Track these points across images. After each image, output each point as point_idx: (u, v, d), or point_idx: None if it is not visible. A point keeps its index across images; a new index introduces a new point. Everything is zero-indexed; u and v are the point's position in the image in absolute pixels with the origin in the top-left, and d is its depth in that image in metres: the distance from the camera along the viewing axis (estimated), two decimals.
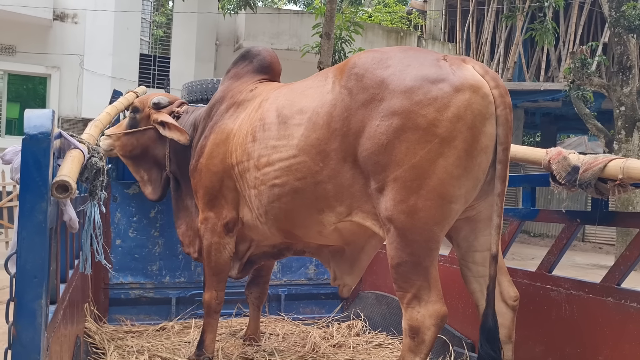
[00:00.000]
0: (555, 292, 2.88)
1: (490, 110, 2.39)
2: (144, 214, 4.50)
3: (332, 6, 10.76)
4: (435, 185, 2.34)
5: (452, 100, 2.33)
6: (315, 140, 2.65)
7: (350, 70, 2.62)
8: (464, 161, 2.35)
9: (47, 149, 1.60)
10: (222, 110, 3.41)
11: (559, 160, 2.70)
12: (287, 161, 2.77)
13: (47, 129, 1.61)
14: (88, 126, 2.98)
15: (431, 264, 2.47)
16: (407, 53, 2.60)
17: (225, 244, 3.35)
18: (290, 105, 2.85)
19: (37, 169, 1.61)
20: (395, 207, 2.40)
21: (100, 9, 13.67)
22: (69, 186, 1.68)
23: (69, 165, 1.81)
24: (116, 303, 4.40)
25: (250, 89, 3.39)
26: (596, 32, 18.08)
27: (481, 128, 2.37)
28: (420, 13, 20.06)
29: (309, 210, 2.80)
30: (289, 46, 14.69)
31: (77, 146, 1.98)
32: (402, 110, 2.37)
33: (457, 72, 2.40)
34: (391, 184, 2.40)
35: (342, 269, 3.26)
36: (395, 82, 2.44)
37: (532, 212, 3.19)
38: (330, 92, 2.68)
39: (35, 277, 1.58)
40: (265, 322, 4.53)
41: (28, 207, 1.61)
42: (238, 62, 3.67)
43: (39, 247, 1.61)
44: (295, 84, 3.04)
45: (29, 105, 14.63)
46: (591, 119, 13.34)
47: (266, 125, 2.92)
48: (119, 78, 13.67)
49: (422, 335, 2.47)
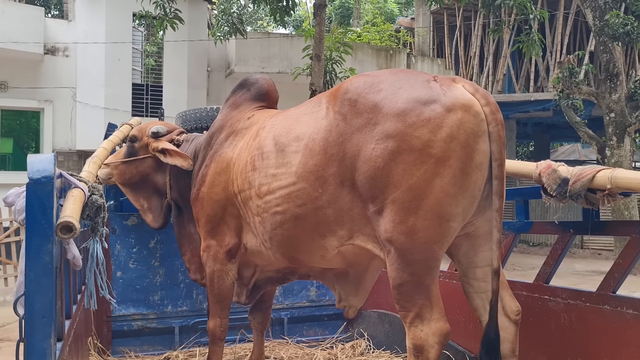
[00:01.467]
0: (554, 303, 2.92)
1: (482, 127, 2.44)
2: (144, 244, 4.53)
3: (321, 28, 10.88)
4: (432, 204, 2.39)
5: (444, 121, 2.39)
6: (312, 167, 2.70)
7: (343, 96, 2.67)
8: (459, 179, 2.40)
9: (50, 192, 1.65)
10: (222, 139, 3.45)
11: (549, 173, 2.75)
12: (287, 189, 2.81)
13: (49, 173, 1.66)
14: (86, 163, 3.03)
15: (432, 282, 2.51)
16: (397, 76, 2.66)
17: (227, 271, 3.37)
18: (287, 132, 2.90)
19: (42, 211, 1.65)
20: (394, 229, 2.44)
21: (90, 41, 13.77)
22: (72, 227, 1.73)
23: (72, 206, 1.86)
24: (119, 335, 4.41)
25: (248, 117, 3.44)
26: (582, 41, 18.30)
27: (475, 146, 2.42)
28: (408, 30, 20.26)
29: (311, 235, 2.84)
30: (280, 69, 14.79)
31: (77, 185, 2.03)
32: (397, 133, 2.43)
33: (448, 92, 2.46)
34: (389, 205, 2.44)
35: (347, 290, 3.29)
36: (388, 105, 2.50)
37: (527, 224, 3.24)
38: (325, 117, 2.73)
39: (43, 317, 1.63)
40: (269, 346, 4.54)
41: (35, 249, 1.65)
42: (236, 90, 3.72)
43: (46, 287, 1.65)
44: (290, 111, 3.10)
45: (22, 140, 14.68)
46: (582, 126, 13.47)
47: (264, 154, 2.96)
48: (112, 109, 13.73)
49: (426, 353, 2.50)
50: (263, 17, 28.16)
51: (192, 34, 14.66)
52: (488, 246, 2.71)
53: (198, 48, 15.03)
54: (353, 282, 3.25)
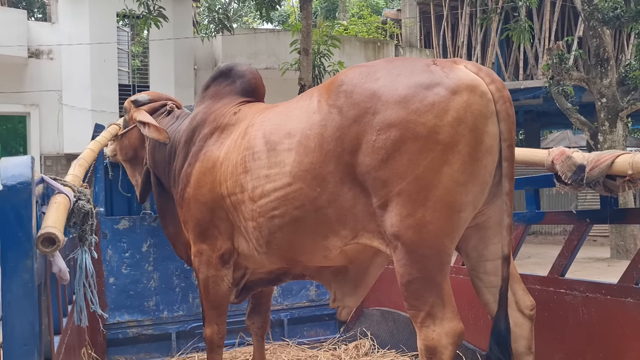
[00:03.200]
0: (571, 296, 2.78)
1: (490, 108, 2.29)
2: (136, 248, 4.37)
3: (308, 22, 10.73)
4: (441, 194, 2.24)
5: (450, 104, 2.24)
6: (309, 165, 2.53)
7: (339, 89, 2.50)
8: (469, 166, 2.25)
9: (28, 200, 1.46)
10: (206, 135, 3.26)
11: (563, 159, 2.61)
12: (283, 190, 2.64)
13: (26, 178, 1.47)
14: (72, 166, 2.86)
15: (443, 280, 2.35)
16: (394, 63, 2.51)
17: (222, 276, 3.17)
18: (277, 129, 2.73)
19: (18, 223, 1.47)
20: (401, 223, 2.28)
21: (75, 43, 13.53)
22: (55, 238, 1.53)
23: (54, 214, 1.67)
24: (114, 343, 4.25)
25: (234, 112, 3.24)
26: (570, 27, 18.23)
27: (483, 128, 2.27)
28: (395, 22, 20.11)
29: (312, 237, 2.67)
30: (267, 65, 14.62)
31: (61, 190, 1.85)
32: (399, 121, 2.27)
33: (451, 74, 2.31)
34: (395, 198, 2.29)
35: (345, 289, 3.10)
36: (388, 92, 2.34)
37: (538, 214, 3.10)
38: (317, 111, 2.56)
39: (25, 345, 1.43)
40: (270, 349, 4.40)
41: (11, 266, 1.45)
42: (218, 78, 3.52)
43: (27, 310, 1.45)
44: (280, 107, 2.93)
45: (9, 145, 14.45)
46: (574, 113, 13.39)
47: (255, 154, 2.78)
48: (99, 110, 13.50)
49: (439, 355, 2.35)
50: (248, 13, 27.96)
51: (178, 32, 14.45)
52: (499, 238, 2.56)
53: (184, 46, 14.83)
54: (352, 280, 3.06)
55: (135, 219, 4.41)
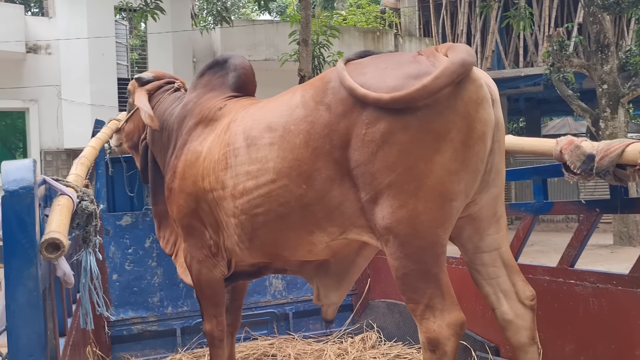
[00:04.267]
0: (581, 287, 2.75)
1: (481, 94, 2.25)
2: (139, 244, 4.34)
3: (307, 12, 10.64)
4: (433, 184, 2.20)
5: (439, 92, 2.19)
6: (293, 162, 2.47)
7: (326, 85, 2.45)
8: (461, 153, 2.21)
9: (31, 205, 1.41)
10: (191, 127, 3.22)
11: (572, 149, 2.57)
12: (266, 187, 2.58)
13: (29, 183, 1.42)
14: (74, 165, 2.81)
15: (440, 270, 2.32)
16: (381, 58, 2.48)
17: (214, 264, 3.12)
18: (257, 124, 2.68)
19: (21, 229, 1.42)
20: (393, 215, 2.24)
21: (73, 37, 13.45)
22: (60, 244, 1.48)
23: (58, 217, 1.62)
24: (119, 340, 4.23)
25: (219, 107, 3.19)
26: (570, 14, 18.13)
27: (475, 115, 2.22)
28: (394, 11, 20.00)
29: (297, 233, 2.63)
30: (266, 56, 14.56)
31: (64, 192, 1.80)
32: (389, 112, 2.23)
33: (436, 62, 2.27)
34: (386, 191, 2.25)
35: (328, 285, 3.05)
36: (376, 84, 2.29)
37: (546, 205, 3.05)
38: (301, 106, 2.50)
39: (31, 355, 1.38)
40: (275, 343, 4.38)
41: (15, 274, 1.41)
42: (213, 67, 3.47)
43: (32, 319, 1.40)
44: (261, 102, 2.89)
45: (9, 141, 14.39)
46: (575, 99, 13.34)
47: (236, 150, 2.73)
48: (99, 105, 13.44)
49: (442, 347, 2.31)
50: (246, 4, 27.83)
51: (176, 25, 14.37)
52: (494, 229, 2.55)
53: (182, 39, 14.75)
54: (335, 275, 3.01)
55: (138, 215, 4.38)
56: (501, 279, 2.61)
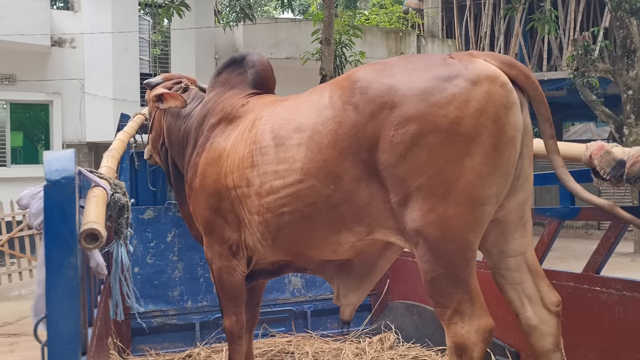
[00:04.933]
0: (606, 294, 2.72)
1: (511, 98, 2.25)
2: (161, 238, 4.37)
3: (331, 11, 10.64)
4: (464, 188, 2.19)
5: (470, 95, 2.19)
6: (321, 162, 2.47)
7: (353, 85, 2.45)
8: (492, 157, 2.20)
9: (72, 196, 1.43)
10: (213, 124, 3.23)
11: (602, 155, 2.54)
12: (294, 187, 2.58)
13: (70, 173, 1.43)
14: (104, 157, 2.83)
15: (470, 275, 2.31)
16: (410, 59, 2.46)
17: (234, 267, 3.14)
18: (286, 124, 2.67)
19: (62, 219, 1.43)
20: (423, 218, 2.24)
21: (97, 31, 13.58)
22: (98, 234, 1.50)
23: (95, 208, 1.63)
24: (139, 333, 4.26)
25: (242, 104, 3.20)
26: (596, 18, 17.95)
27: (505, 119, 2.22)
28: (417, 12, 19.93)
29: (324, 233, 2.62)
30: (288, 55, 14.59)
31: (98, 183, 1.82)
32: (418, 114, 2.22)
33: (469, 66, 2.26)
34: (415, 193, 2.24)
35: (349, 285, 3.05)
36: (405, 86, 2.29)
37: (573, 210, 3.02)
38: (329, 107, 2.50)
39: (69, 344, 1.40)
40: (293, 341, 4.39)
41: (56, 263, 1.42)
42: (231, 65, 3.48)
43: (71, 309, 1.42)
44: (288, 101, 2.87)
45: (32, 133, 14.55)
46: (599, 105, 13.21)
47: (263, 149, 2.73)
48: (121, 99, 13.55)
49: (470, 352, 2.30)
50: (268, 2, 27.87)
51: (199, 21, 14.44)
52: (520, 233, 2.53)
53: (205, 35, 14.82)
54: (357, 275, 3.00)
55: (160, 209, 4.41)
56: (526, 284, 2.58)
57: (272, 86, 3.46)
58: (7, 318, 7.41)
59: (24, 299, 8.90)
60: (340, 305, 3.14)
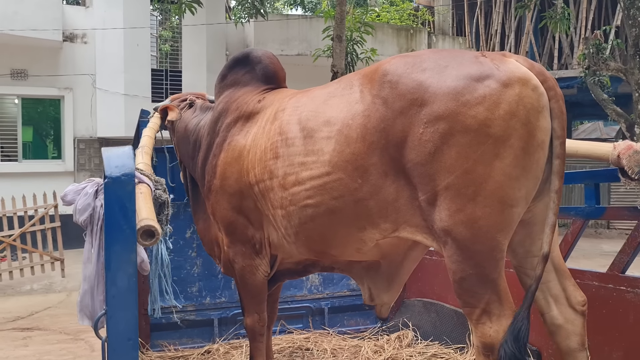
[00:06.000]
0: (632, 294, 2.72)
1: (542, 102, 2.24)
2: (180, 234, 4.38)
3: (342, 8, 10.63)
4: (493, 189, 2.19)
5: (502, 97, 2.18)
6: (350, 155, 2.47)
7: (383, 79, 2.44)
8: (521, 160, 2.20)
9: (132, 192, 1.44)
10: (229, 124, 3.20)
11: (630, 154, 2.54)
12: (320, 179, 2.57)
13: (130, 170, 1.44)
14: (137, 154, 2.84)
15: (499, 276, 2.31)
16: (441, 54, 2.44)
17: (257, 265, 3.15)
18: (315, 116, 2.66)
19: (123, 215, 1.44)
20: (451, 218, 2.24)
21: (109, 27, 13.61)
22: (155, 231, 1.51)
23: (146, 205, 1.64)
24: (157, 328, 4.28)
25: (258, 100, 3.19)
26: (607, 16, 17.86)
27: (535, 123, 2.21)
28: (427, 9, 19.88)
29: (348, 229, 2.61)
30: (299, 51, 14.59)
31: (142, 180, 1.83)
32: (448, 113, 2.21)
33: (502, 66, 2.25)
34: (443, 193, 2.24)
35: (379, 286, 3.04)
36: (436, 84, 2.28)
37: (598, 209, 3.02)
38: (360, 101, 2.50)
39: (129, 339, 1.41)
40: (311, 337, 4.41)
41: (116, 259, 1.43)
42: (235, 66, 3.46)
43: (130, 304, 1.43)
44: (315, 92, 2.84)
45: (42, 128, 14.62)
46: (610, 104, 13.15)
47: (289, 140, 2.72)
48: (132, 95, 13.59)
49: (498, 352, 2.31)
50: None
51: (210, 17, 14.45)
52: None
53: (216, 32, 14.83)
54: (385, 275, 2.99)
55: (179, 205, 4.42)
56: (551, 284, 2.59)
57: (283, 78, 3.42)
58: (19, 312, 7.46)
59: (36, 293, 8.96)
60: (374, 305, 3.14)
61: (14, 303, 8.17)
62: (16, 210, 9.69)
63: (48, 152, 14.53)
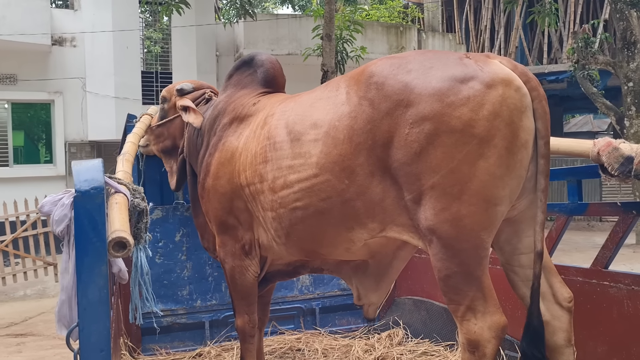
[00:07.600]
0: (615, 289, 2.75)
1: (525, 103, 2.28)
2: (169, 238, 4.39)
3: (331, 7, 10.66)
4: (477, 188, 2.22)
5: (485, 98, 2.21)
6: (337, 157, 2.50)
7: (369, 80, 2.47)
8: (505, 160, 2.23)
9: (101, 205, 1.45)
10: (225, 125, 3.25)
11: (610, 151, 2.57)
12: (308, 181, 2.61)
13: (99, 183, 1.45)
14: (118, 162, 2.84)
15: (483, 273, 2.34)
16: (426, 55, 2.47)
17: (247, 266, 3.17)
18: (302, 120, 2.70)
19: (93, 228, 1.45)
20: (436, 217, 2.27)
21: (98, 29, 13.57)
22: (126, 242, 1.52)
23: (119, 216, 1.65)
24: (149, 332, 4.28)
25: (253, 103, 3.24)
26: (595, 10, 17.95)
27: (519, 123, 2.25)
28: (417, 6, 19.92)
29: (336, 229, 2.65)
30: (289, 51, 14.59)
31: (119, 189, 1.84)
32: (434, 114, 2.24)
33: (485, 68, 2.28)
34: (429, 192, 2.27)
35: (367, 285, 3.08)
36: (421, 85, 2.31)
37: (581, 206, 3.05)
38: (346, 103, 2.52)
39: (101, 351, 1.42)
40: (302, 338, 4.42)
41: (87, 271, 1.44)
42: (241, 67, 3.54)
43: (102, 315, 1.44)
44: (302, 97, 2.89)
45: (33, 132, 14.57)
46: (599, 97, 13.22)
47: (277, 144, 2.76)
48: (123, 98, 13.56)
49: (482, 349, 2.33)
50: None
51: (199, 18, 14.44)
52: (532, 231, 2.53)
53: (206, 33, 14.81)
54: (373, 275, 3.03)
55: (168, 209, 4.43)
56: None
57: (282, 84, 3.49)
58: (13, 318, 7.45)
59: (29, 299, 8.94)
60: (362, 305, 3.17)
61: (8, 309, 8.15)
62: (8, 215, 9.67)
63: (39, 157, 14.48)
